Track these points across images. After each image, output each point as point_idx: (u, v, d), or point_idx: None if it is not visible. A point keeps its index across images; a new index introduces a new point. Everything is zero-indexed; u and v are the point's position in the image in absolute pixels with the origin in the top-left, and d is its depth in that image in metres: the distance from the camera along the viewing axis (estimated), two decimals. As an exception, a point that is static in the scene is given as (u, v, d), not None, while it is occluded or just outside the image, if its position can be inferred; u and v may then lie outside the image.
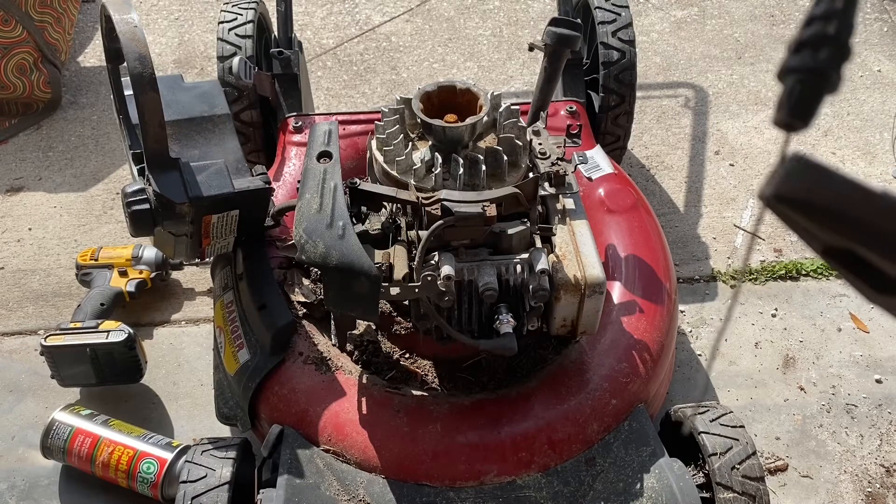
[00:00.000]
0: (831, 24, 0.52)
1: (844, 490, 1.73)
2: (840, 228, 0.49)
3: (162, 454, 1.65)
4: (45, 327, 2.06)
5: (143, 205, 1.44)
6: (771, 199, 0.50)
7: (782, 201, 0.50)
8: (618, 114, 2.15)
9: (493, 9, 3.07)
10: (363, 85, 2.78)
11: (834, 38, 0.52)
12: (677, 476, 1.43)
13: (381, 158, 1.52)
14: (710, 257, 2.20)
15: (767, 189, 0.50)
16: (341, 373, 1.56)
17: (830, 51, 0.52)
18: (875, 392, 1.90)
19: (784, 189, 0.50)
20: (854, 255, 0.50)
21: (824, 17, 0.53)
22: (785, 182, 0.50)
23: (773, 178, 0.51)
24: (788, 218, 0.52)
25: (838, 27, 0.52)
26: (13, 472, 1.77)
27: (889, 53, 2.83)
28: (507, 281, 1.42)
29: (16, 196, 2.42)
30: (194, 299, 2.12)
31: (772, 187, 0.50)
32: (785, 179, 0.50)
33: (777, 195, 0.50)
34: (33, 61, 2.61)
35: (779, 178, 0.50)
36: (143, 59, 1.38)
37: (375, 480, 1.45)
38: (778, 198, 0.50)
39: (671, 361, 1.79)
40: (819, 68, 0.52)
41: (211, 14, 3.05)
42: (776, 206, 0.51)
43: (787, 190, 0.50)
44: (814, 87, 0.53)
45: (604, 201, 1.83)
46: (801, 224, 0.51)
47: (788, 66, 0.54)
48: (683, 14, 3.02)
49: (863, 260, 0.50)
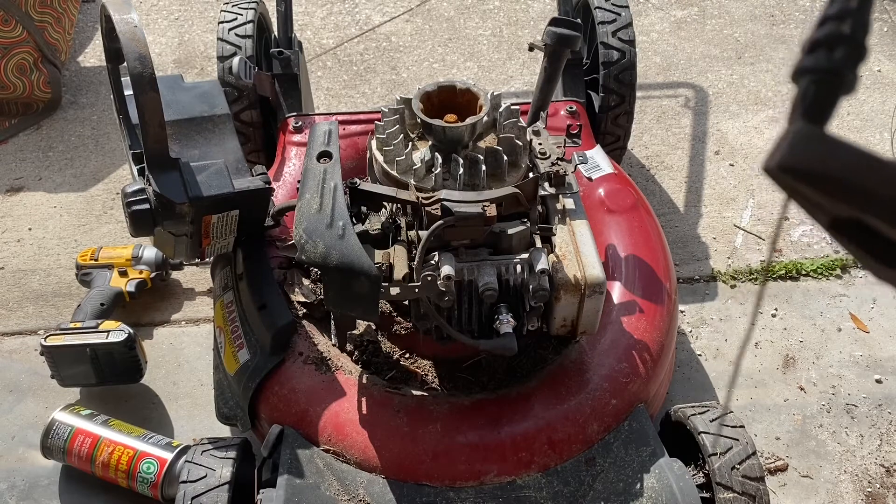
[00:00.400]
0: (846, 24, 0.51)
1: (844, 490, 1.73)
2: (848, 197, 0.47)
3: (162, 454, 1.64)
4: (45, 327, 2.06)
5: (143, 205, 1.44)
6: (776, 171, 0.49)
7: (788, 172, 0.48)
8: (618, 114, 2.15)
9: (493, 9, 3.07)
10: (363, 85, 2.78)
11: (849, 38, 0.51)
12: (677, 476, 1.43)
13: (381, 158, 1.52)
14: (710, 257, 2.20)
15: (772, 160, 0.49)
16: (341, 373, 1.56)
17: (846, 50, 0.51)
18: (875, 392, 1.90)
19: (789, 159, 0.48)
20: (862, 226, 0.49)
21: (839, 17, 0.52)
22: (790, 152, 0.48)
23: (777, 148, 0.49)
24: (794, 190, 0.50)
25: (853, 26, 0.51)
26: (13, 472, 1.77)
27: (889, 53, 2.83)
28: (507, 281, 1.42)
29: (16, 196, 2.42)
30: (194, 299, 2.12)
31: (776, 158, 0.49)
32: (790, 149, 0.49)
33: (782, 165, 0.48)
34: (33, 61, 2.61)
35: (783, 149, 0.49)
36: (143, 59, 1.38)
37: (375, 480, 1.45)
38: (783, 168, 0.48)
39: (671, 361, 1.79)
40: (835, 68, 0.51)
41: (211, 14, 3.05)
42: (781, 177, 0.49)
43: (792, 160, 0.48)
44: (830, 87, 0.51)
45: (604, 201, 1.83)
46: (808, 195, 0.49)
47: (803, 66, 0.52)
48: (683, 14, 3.02)
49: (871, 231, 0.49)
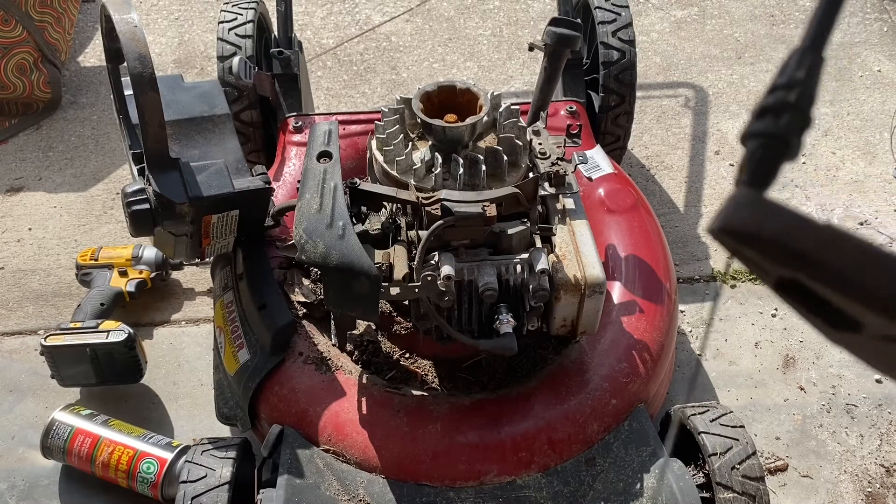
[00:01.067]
0: (793, 93, 0.55)
1: (844, 490, 1.73)
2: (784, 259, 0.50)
3: (162, 454, 1.65)
4: (45, 327, 2.06)
5: (143, 205, 1.44)
6: (718, 233, 0.52)
7: (730, 234, 0.51)
8: (618, 114, 2.15)
9: (493, 9, 3.07)
10: (363, 85, 2.78)
11: (795, 106, 0.55)
12: (677, 476, 1.43)
13: (381, 158, 1.52)
14: (710, 257, 2.20)
15: (715, 223, 0.52)
16: (341, 373, 1.56)
17: (791, 118, 0.54)
18: (875, 392, 1.90)
19: (729, 222, 0.51)
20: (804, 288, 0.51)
21: (787, 86, 0.55)
22: (730, 215, 0.51)
23: (720, 212, 0.52)
24: (737, 251, 0.53)
25: (800, 96, 0.55)
26: (13, 472, 1.77)
27: (889, 53, 2.83)
28: (507, 281, 1.42)
29: (16, 196, 2.42)
30: (194, 299, 2.12)
31: (719, 221, 0.51)
32: (732, 213, 0.51)
33: (723, 228, 0.51)
34: (33, 61, 2.61)
35: (726, 212, 0.52)
36: (143, 59, 1.38)
37: (375, 480, 1.45)
38: (725, 231, 0.51)
39: (671, 361, 1.79)
40: (780, 134, 0.54)
41: (211, 14, 3.05)
42: (724, 239, 0.52)
43: (732, 223, 0.51)
44: (775, 151, 0.55)
45: (604, 201, 1.83)
46: (751, 257, 0.52)
47: (751, 130, 0.56)
48: (683, 14, 3.02)
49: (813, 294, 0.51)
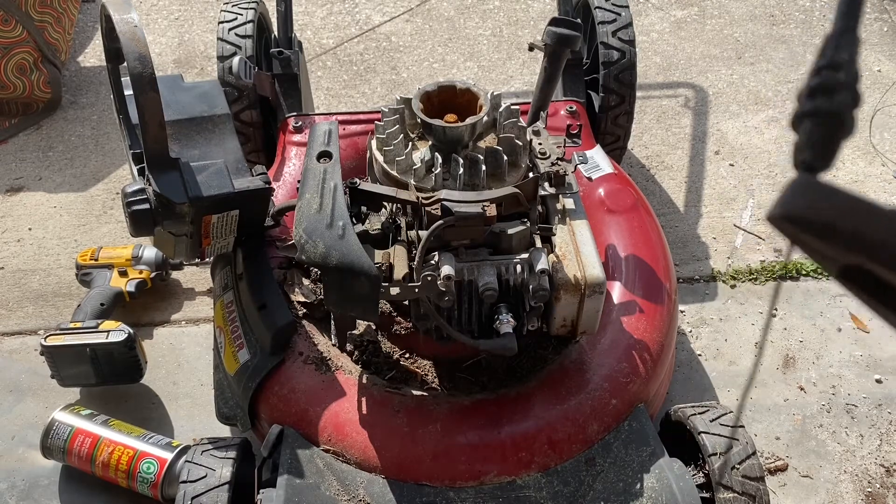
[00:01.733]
0: (841, 72, 0.54)
1: (844, 490, 1.73)
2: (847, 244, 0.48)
3: (162, 454, 1.65)
4: (45, 327, 2.06)
5: (143, 205, 1.44)
6: (779, 220, 0.50)
7: (791, 221, 0.50)
8: (618, 114, 2.15)
9: (493, 9, 3.07)
10: (363, 85, 2.78)
11: (844, 84, 0.53)
12: (677, 476, 1.43)
13: (381, 158, 1.52)
14: (710, 257, 2.20)
15: (776, 210, 0.50)
16: (341, 373, 1.56)
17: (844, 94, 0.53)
18: (875, 392, 1.90)
19: (791, 208, 0.50)
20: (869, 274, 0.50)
21: (831, 66, 0.54)
22: (791, 201, 0.50)
23: (780, 198, 0.50)
24: (799, 239, 0.51)
25: (848, 74, 0.54)
26: (13, 472, 1.77)
27: (889, 53, 2.83)
28: (507, 281, 1.42)
29: (16, 196, 2.42)
30: (194, 299, 2.12)
31: (779, 208, 0.50)
32: (791, 198, 0.50)
33: (785, 215, 0.50)
34: (33, 61, 2.61)
35: (786, 198, 0.50)
36: (143, 59, 1.37)
37: (375, 480, 1.45)
38: (786, 217, 0.50)
39: (671, 361, 1.79)
40: (835, 111, 0.53)
41: (211, 14, 3.05)
42: (785, 226, 0.50)
43: (789, 209, 0.50)
44: (832, 129, 0.53)
45: (604, 201, 1.83)
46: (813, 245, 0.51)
47: (804, 111, 0.54)
48: (683, 14, 3.02)
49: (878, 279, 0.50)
